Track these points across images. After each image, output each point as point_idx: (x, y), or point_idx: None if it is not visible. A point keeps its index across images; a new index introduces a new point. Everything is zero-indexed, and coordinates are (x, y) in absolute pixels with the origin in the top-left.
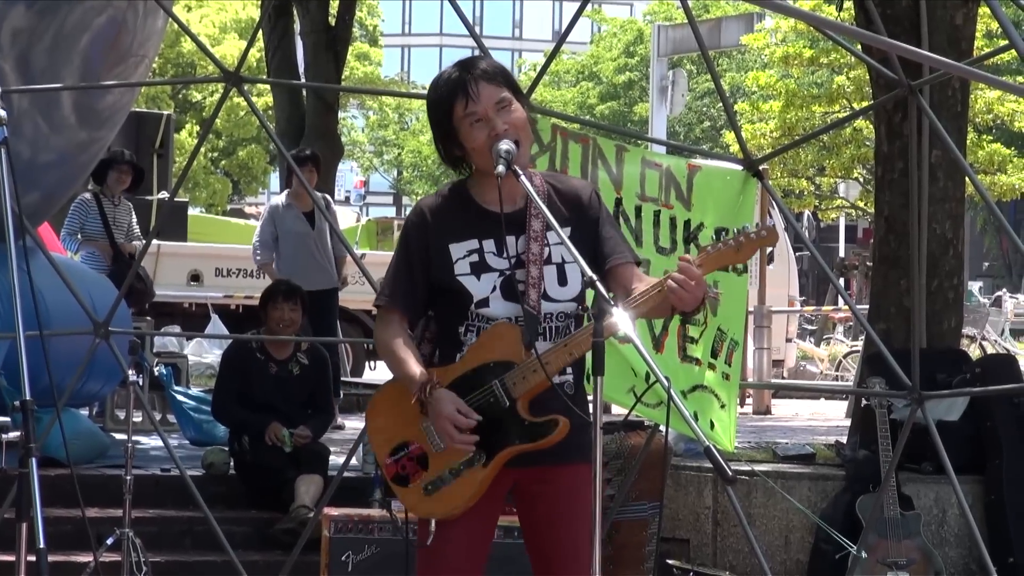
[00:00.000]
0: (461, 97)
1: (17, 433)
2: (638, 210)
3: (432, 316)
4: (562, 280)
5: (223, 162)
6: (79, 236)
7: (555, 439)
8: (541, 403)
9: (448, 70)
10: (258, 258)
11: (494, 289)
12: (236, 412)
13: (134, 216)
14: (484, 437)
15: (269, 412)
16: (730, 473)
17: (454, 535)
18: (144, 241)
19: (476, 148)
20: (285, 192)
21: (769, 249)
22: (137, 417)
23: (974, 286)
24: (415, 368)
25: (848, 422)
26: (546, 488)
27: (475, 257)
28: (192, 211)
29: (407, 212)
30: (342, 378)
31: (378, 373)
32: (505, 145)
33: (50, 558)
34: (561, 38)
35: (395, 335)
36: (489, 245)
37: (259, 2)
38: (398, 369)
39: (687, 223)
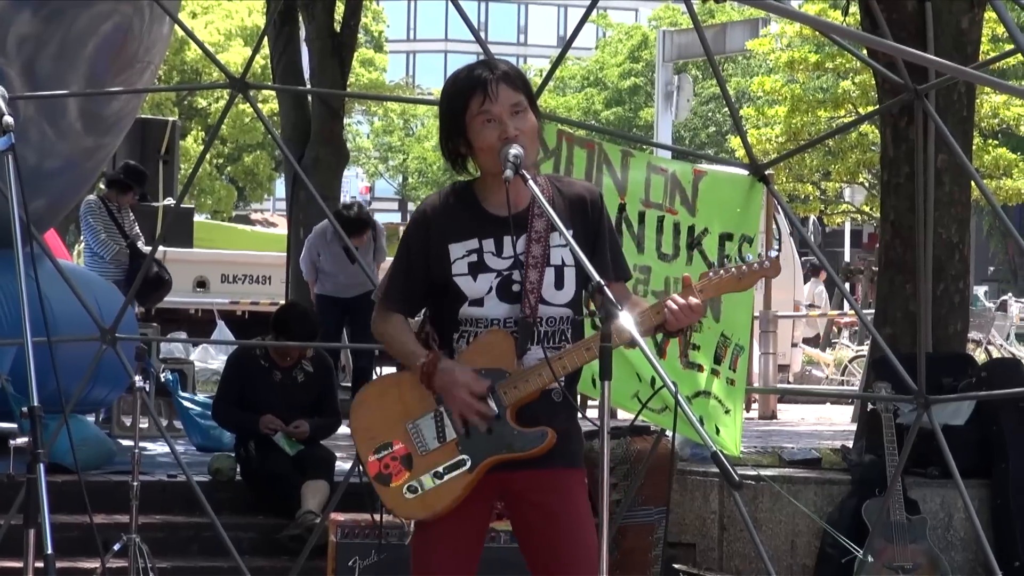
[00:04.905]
0: (479, 94)
1: (25, 439)
2: (641, 216)
3: (428, 318)
4: (559, 283)
5: (228, 168)
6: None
7: (543, 450)
8: (531, 410)
9: (470, 66)
10: (304, 276)
11: (490, 290)
12: (233, 413)
13: (135, 222)
14: (470, 443)
15: None
16: (737, 479)
17: (434, 537)
18: (148, 247)
19: (484, 148)
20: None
21: (775, 253)
22: (143, 423)
23: (980, 290)
24: (417, 346)
25: (854, 427)
26: (538, 495)
27: (473, 257)
28: (198, 217)
29: None
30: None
31: None
32: (514, 150)
33: (57, 564)
34: (566, 44)
35: (394, 322)
36: (489, 245)
37: (264, 9)
38: (400, 349)
39: (691, 228)
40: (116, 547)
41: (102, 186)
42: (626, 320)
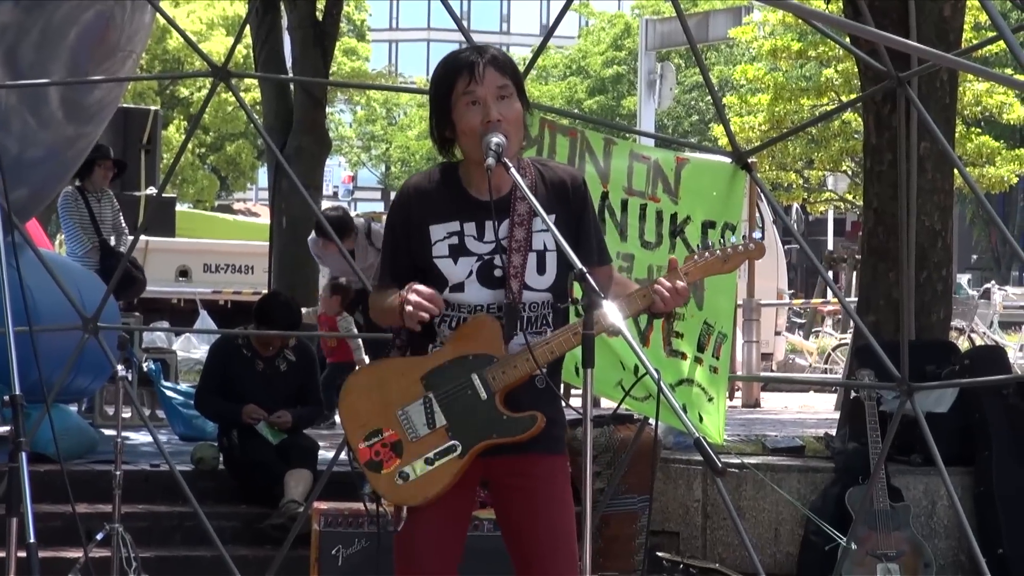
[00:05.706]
0: (465, 75)
1: (7, 428)
2: (624, 204)
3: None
4: (541, 268)
5: (211, 157)
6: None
7: (532, 433)
8: (514, 396)
9: (461, 49)
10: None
11: (471, 274)
12: (215, 403)
13: (119, 210)
14: (460, 428)
15: None
16: (720, 465)
17: (423, 521)
18: (132, 236)
19: (466, 130)
20: None
21: (759, 235)
22: (126, 413)
23: (963, 278)
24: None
25: (837, 414)
26: (521, 480)
27: (455, 240)
28: (180, 207)
29: None
30: None
31: None
32: (496, 138)
33: (40, 554)
34: (548, 32)
35: (386, 294)
36: (470, 228)
37: None
38: (386, 309)
39: (673, 216)
40: (99, 536)
41: None
42: (610, 308)
